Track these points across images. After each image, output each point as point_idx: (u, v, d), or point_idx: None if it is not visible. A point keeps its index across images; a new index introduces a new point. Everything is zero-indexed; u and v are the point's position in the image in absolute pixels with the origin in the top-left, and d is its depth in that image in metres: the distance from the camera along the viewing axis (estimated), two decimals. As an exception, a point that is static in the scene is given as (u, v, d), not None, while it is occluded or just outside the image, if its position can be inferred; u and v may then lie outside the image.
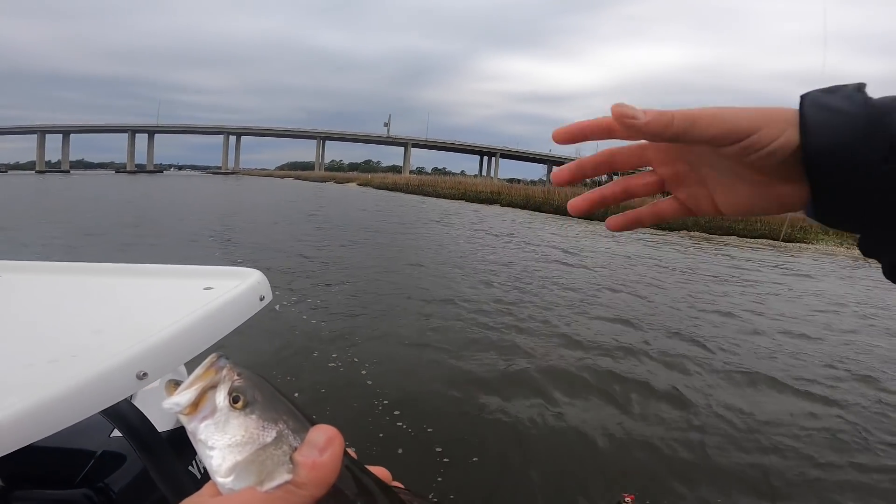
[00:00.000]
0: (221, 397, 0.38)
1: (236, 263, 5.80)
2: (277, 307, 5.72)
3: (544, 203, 24.62)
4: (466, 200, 28.70)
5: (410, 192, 35.36)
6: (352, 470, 0.36)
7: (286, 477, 0.34)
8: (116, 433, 1.50)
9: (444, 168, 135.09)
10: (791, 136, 0.33)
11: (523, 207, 24.95)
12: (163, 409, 0.40)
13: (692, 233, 19.79)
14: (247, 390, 0.38)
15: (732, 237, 19.67)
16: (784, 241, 19.78)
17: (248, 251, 9.59)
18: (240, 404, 0.38)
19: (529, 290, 7.27)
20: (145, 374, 0.83)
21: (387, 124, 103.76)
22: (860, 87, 0.33)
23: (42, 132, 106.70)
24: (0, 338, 0.93)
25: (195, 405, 0.38)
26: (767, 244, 18.87)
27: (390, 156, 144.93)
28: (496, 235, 14.27)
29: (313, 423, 0.37)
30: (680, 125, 0.34)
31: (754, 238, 19.81)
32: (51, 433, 0.72)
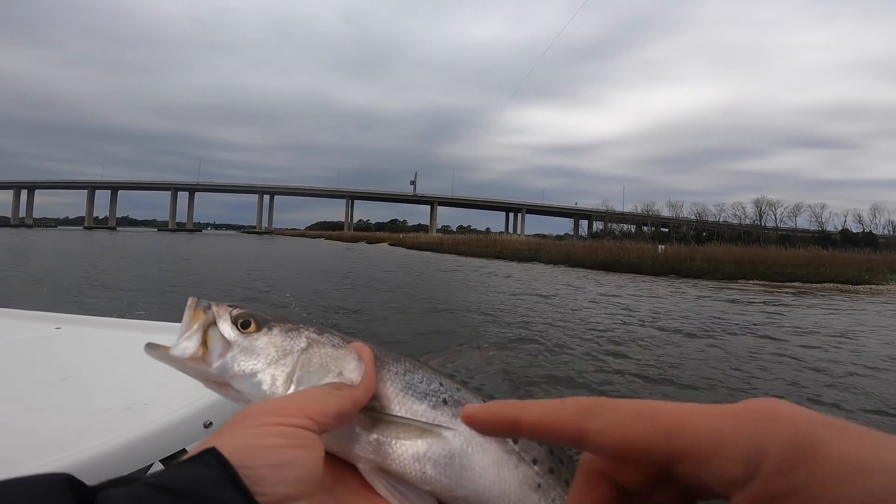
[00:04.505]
0: (228, 328, 0.38)
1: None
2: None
3: (587, 258, 24.32)
4: (506, 259, 28.59)
5: (444, 252, 35.59)
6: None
7: (356, 362, 0.38)
8: None
9: (470, 225, 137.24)
10: None
11: (564, 263, 24.60)
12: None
13: (750, 281, 18.90)
14: (253, 314, 0.39)
15: (796, 283, 18.69)
16: (852, 283, 18.63)
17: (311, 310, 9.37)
18: (252, 328, 0.38)
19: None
20: (210, 424, 0.91)
21: (413, 182, 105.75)
22: None
23: (92, 188, 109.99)
24: (71, 384, 0.98)
25: (204, 346, 0.37)
26: (835, 288, 17.80)
27: (416, 215, 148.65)
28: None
29: (325, 327, 0.40)
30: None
31: (819, 283, 18.78)
32: (125, 474, 0.76)
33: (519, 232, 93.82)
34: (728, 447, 0.23)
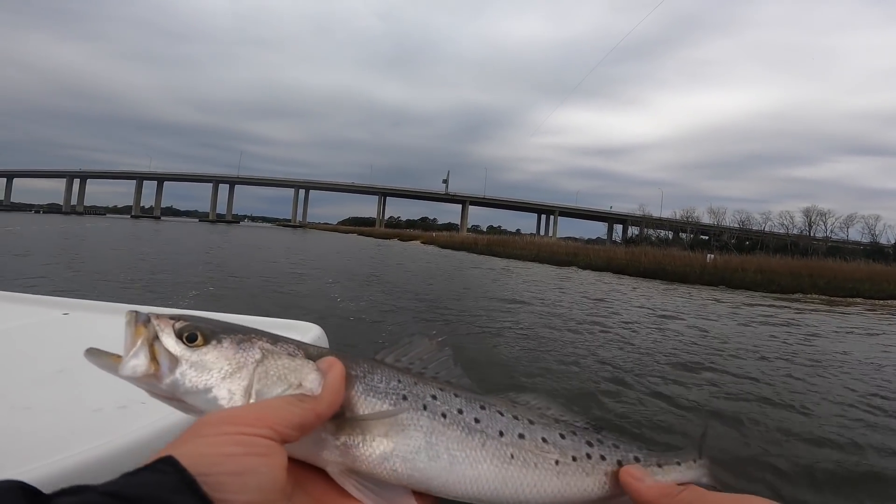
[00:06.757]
0: (172, 343, 0.36)
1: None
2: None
3: (629, 265, 23.64)
4: (540, 262, 28.19)
5: (480, 253, 35.39)
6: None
7: (315, 373, 0.37)
8: None
9: (500, 226, 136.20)
10: None
11: (604, 270, 23.96)
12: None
13: (808, 295, 17.96)
14: (198, 326, 0.37)
15: (857, 298, 17.64)
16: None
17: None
18: (200, 341, 0.36)
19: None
20: None
21: (445, 181, 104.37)
22: None
23: (140, 178, 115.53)
24: (66, 378, 0.90)
25: (155, 361, 0.36)
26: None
27: (446, 213, 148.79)
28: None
29: (279, 336, 0.40)
30: None
31: (882, 299, 17.68)
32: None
33: (551, 234, 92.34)
34: None
